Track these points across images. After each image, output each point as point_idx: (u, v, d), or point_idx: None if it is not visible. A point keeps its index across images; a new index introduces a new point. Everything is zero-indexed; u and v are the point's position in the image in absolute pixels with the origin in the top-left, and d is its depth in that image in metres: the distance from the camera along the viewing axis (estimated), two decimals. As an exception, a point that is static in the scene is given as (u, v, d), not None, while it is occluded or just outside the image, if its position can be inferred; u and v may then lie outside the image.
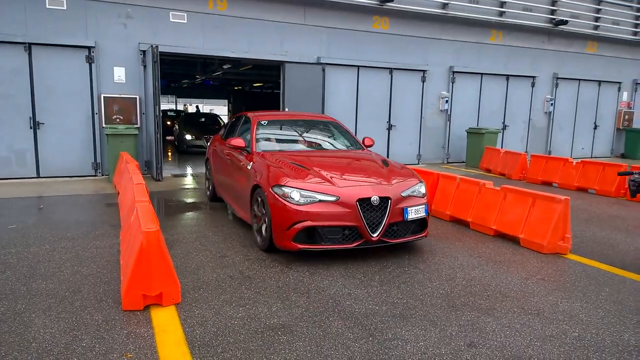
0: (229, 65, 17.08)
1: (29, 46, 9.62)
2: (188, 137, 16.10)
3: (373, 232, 5.07)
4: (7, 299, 4.02)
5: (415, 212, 5.32)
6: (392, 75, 13.41)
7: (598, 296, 4.41)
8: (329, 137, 7.19)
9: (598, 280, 4.85)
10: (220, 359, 3.17)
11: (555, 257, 5.56)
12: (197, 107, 35.77)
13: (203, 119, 19.49)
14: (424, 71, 13.81)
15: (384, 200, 5.12)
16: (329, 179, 5.23)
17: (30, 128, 9.86)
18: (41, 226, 6.40)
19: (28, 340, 3.35)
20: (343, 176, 5.42)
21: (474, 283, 4.67)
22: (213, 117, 20.12)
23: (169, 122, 20.72)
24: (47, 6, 9.69)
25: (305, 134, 7.14)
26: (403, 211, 5.23)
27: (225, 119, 22.41)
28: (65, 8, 9.82)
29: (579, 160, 10.74)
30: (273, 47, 11.86)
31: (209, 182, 8.34)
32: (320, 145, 6.94)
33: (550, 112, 16.31)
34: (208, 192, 8.36)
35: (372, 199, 5.06)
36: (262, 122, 6.76)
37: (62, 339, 3.38)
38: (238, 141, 6.31)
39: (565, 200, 5.66)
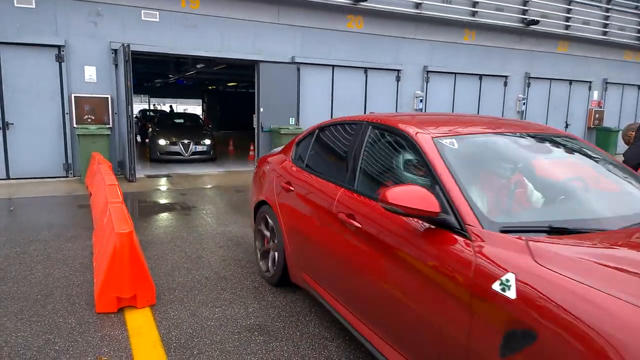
0: (203, 65, 16.94)
1: (-4, 44, 9.37)
2: (162, 142, 13.35)
3: None
4: (-24, 304, 3.92)
5: None
6: (366, 75, 13.50)
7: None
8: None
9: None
10: (197, 360, 3.16)
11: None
12: (170, 107, 35.33)
13: (182, 120, 16.53)
14: (398, 70, 13.94)
15: None
16: None
17: (-1, 129, 9.62)
18: (11, 228, 6.24)
19: (0, 344, 3.28)
20: None
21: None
22: (194, 118, 17.14)
23: (149, 126, 16.91)
24: (16, 4, 9.44)
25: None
26: None
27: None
28: (34, 6, 9.58)
29: (550, 157, 10.97)
30: (247, 46, 11.80)
31: (270, 254, 4.48)
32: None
33: (522, 111, 16.65)
34: (269, 270, 4.47)
35: None
36: (451, 145, 2.83)
37: (34, 342, 3.31)
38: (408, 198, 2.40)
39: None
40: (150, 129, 15.52)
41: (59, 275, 4.58)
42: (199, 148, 13.50)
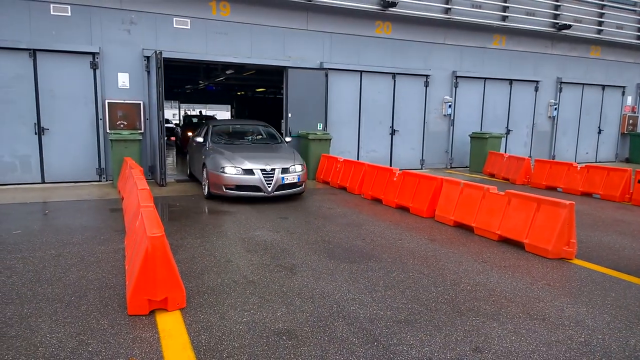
0: (232, 71, 17.15)
1: (33, 52, 9.69)
2: (230, 169, 8.55)
3: None
4: (14, 303, 4.03)
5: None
6: (395, 80, 13.44)
7: (604, 301, 4.39)
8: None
9: (604, 285, 4.83)
10: (226, 364, 3.17)
11: (560, 262, 5.54)
12: (200, 112, 35.87)
13: (250, 130, 11.25)
14: (427, 76, 13.84)
15: None
16: None
17: (35, 134, 9.92)
18: (46, 231, 6.43)
19: (35, 344, 3.36)
20: None
21: (479, 288, 4.66)
22: (266, 130, 11.14)
23: (190, 134, 15.01)
24: (52, 13, 9.76)
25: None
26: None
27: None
28: (69, 14, 9.89)
29: (584, 164, 10.71)
30: (276, 52, 11.91)
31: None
32: None
33: (554, 117, 16.30)
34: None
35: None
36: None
37: (68, 343, 3.39)
38: None
39: (570, 204, 5.65)
40: (196, 141, 10.34)
41: (92, 278, 4.69)
42: (289, 178, 8.82)
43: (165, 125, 18.04)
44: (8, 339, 3.42)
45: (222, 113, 49.17)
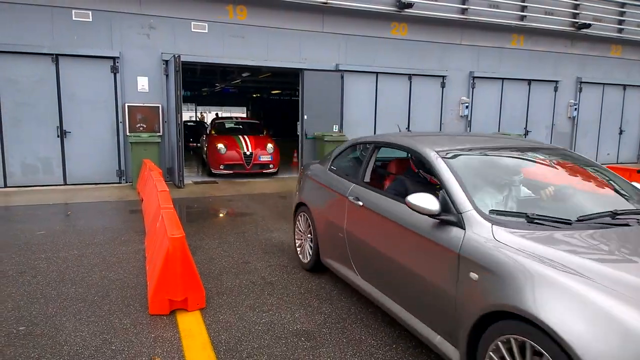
0: (248, 73, 17.30)
1: (56, 57, 9.89)
2: None
3: None
4: (39, 302, 4.13)
5: None
6: (411, 82, 13.40)
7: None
8: None
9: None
10: (246, 363, 3.21)
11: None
12: (216, 114, 36.20)
13: None
14: (443, 77, 13.77)
15: None
16: None
17: (57, 137, 10.12)
18: (69, 232, 6.56)
19: (60, 343, 3.44)
20: None
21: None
22: None
23: (222, 144, 12.02)
24: (74, 18, 9.96)
25: None
26: None
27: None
28: (90, 20, 10.08)
29: (605, 166, 10.53)
30: (292, 54, 11.97)
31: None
32: None
33: (574, 117, 16.07)
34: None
35: None
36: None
37: (92, 342, 3.47)
38: None
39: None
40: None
41: (114, 278, 4.78)
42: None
43: (187, 123, 17.97)
44: (34, 337, 3.51)
45: (238, 115, 49.45)
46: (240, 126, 14.39)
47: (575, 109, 15.96)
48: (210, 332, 3.64)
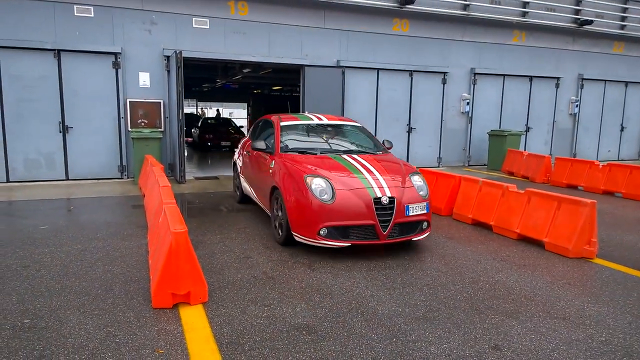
0: (249, 69, 17.26)
1: (58, 53, 9.91)
2: None
3: None
4: (43, 296, 4.17)
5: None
6: (412, 78, 13.40)
7: (626, 301, 4.36)
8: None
9: (626, 285, 4.79)
10: (248, 356, 3.24)
11: (581, 262, 5.50)
12: (217, 110, 36.16)
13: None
14: (444, 73, 13.77)
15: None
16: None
17: (60, 132, 10.15)
18: (72, 227, 6.60)
19: (64, 335, 3.48)
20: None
21: (498, 286, 4.66)
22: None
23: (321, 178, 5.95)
24: (76, 14, 9.97)
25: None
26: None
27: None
28: (92, 15, 10.09)
29: (605, 163, 10.57)
30: (293, 50, 11.98)
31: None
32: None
33: (575, 114, 16.07)
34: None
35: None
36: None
37: (96, 334, 3.50)
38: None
39: (591, 203, 5.60)
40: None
41: (118, 272, 4.81)
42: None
43: (208, 120, 18.23)
44: (38, 330, 3.55)
45: (239, 111, 49.48)
46: (335, 137, 7.28)
47: (577, 105, 15.96)
48: (212, 326, 3.67)
